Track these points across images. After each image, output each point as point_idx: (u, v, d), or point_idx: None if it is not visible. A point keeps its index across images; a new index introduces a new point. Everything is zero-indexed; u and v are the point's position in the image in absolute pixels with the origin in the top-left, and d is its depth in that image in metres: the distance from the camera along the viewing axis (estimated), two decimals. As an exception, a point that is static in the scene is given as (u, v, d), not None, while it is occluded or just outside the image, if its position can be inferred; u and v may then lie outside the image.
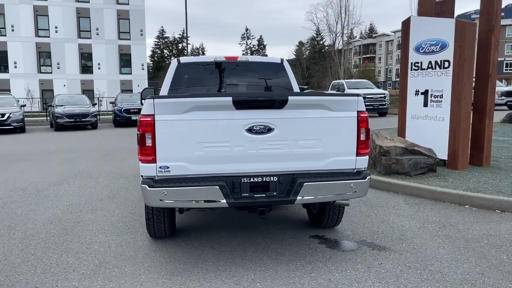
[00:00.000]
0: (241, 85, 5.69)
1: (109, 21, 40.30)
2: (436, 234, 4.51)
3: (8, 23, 38.49)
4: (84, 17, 39.89)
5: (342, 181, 3.63)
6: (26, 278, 3.54)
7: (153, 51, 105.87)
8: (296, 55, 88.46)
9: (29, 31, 38.91)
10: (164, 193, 3.40)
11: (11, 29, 38.60)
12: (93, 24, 40.02)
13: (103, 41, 40.20)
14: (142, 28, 41.20)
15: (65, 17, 39.38)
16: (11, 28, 38.58)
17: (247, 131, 3.49)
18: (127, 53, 41.02)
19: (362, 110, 3.70)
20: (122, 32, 40.89)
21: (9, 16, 38.30)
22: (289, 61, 33.05)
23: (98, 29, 40.09)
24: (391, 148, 6.92)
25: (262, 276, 3.54)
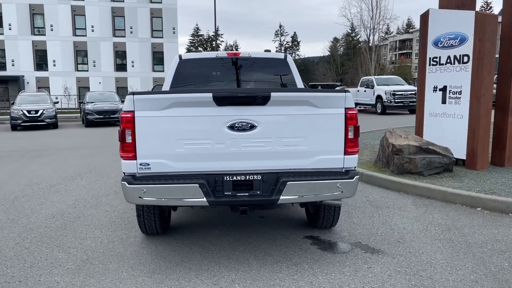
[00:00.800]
0: (243, 82, 5.60)
1: (142, 19, 41.06)
2: (437, 237, 4.29)
3: (48, 23, 39.90)
4: (119, 16, 40.80)
5: (328, 181, 3.49)
6: (12, 271, 3.61)
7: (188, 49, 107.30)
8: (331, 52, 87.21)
9: (67, 31, 40.19)
10: (143, 190, 3.38)
11: (50, 29, 39.99)
12: (127, 23, 40.89)
13: (137, 40, 41.01)
14: (175, 26, 41.72)
15: (101, 17, 40.42)
16: (50, 27, 39.97)
17: (228, 128, 3.42)
18: (159, 51, 41.69)
19: (350, 107, 3.55)
20: (155, 30, 41.56)
21: (48, 16, 39.69)
22: (323, 58, 33.01)
23: (132, 27, 40.93)
24: (404, 147, 6.65)
25: (243, 276, 3.46)
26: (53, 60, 40.27)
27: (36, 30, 40.11)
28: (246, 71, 5.62)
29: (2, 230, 4.71)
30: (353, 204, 5.54)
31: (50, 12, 39.75)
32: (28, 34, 39.73)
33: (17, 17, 39.33)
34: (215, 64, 5.58)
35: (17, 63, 39.92)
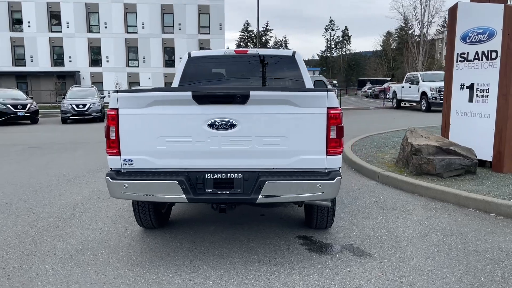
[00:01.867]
0: (250, 79, 5.61)
1: (190, 16, 41.93)
2: (435, 243, 4.10)
3: (102, 21, 41.73)
4: (168, 13, 41.91)
5: (308, 181, 3.43)
6: (10, 258, 3.86)
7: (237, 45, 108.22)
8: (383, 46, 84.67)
9: (119, 28, 41.83)
10: (125, 185, 3.49)
11: (104, 27, 41.80)
12: (175, 19, 41.92)
13: (185, 36, 41.94)
14: (221, 23, 42.27)
15: (151, 14, 41.70)
16: (104, 25, 41.78)
17: (208, 126, 3.45)
18: (206, 47, 42.28)
19: (332, 107, 3.46)
20: (202, 27, 42.33)
21: (103, 15, 41.49)
22: (375, 53, 32.31)
23: (180, 24, 41.91)
24: (423, 147, 6.39)
25: (221, 274, 3.49)
26: (106, 56, 42.10)
27: (91, 28, 42.04)
28: (253, 68, 5.63)
29: (17, 218, 5.03)
30: (360, 205, 5.41)
31: (104, 11, 41.52)
32: (84, 32, 41.75)
33: (74, 15, 41.44)
34: (223, 62, 5.63)
35: (74, 59, 42.07)
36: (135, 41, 41.94)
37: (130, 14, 41.78)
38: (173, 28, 42.11)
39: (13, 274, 3.53)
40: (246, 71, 5.66)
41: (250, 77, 5.61)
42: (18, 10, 41.44)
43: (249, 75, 5.61)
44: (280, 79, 5.64)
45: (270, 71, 5.67)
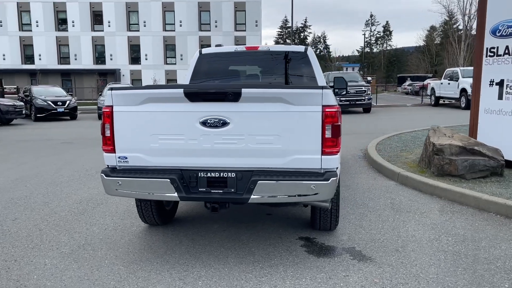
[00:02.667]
0: (261, 76, 5.52)
1: (226, 13, 42.18)
2: (444, 249, 3.88)
3: (141, 20, 42.71)
4: (205, 11, 42.35)
5: (301, 182, 3.32)
6: (15, 251, 3.98)
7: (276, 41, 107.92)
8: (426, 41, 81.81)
9: (158, 26, 42.67)
10: (119, 183, 3.50)
11: (143, 25, 42.78)
12: (212, 17, 42.30)
13: (221, 33, 42.23)
14: (257, 19, 42.25)
15: (188, 12, 42.29)
16: (144, 24, 42.75)
17: (201, 124, 3.40)
18: (242, 44, 42.50)
19: (328, 105, 3.33)
20: (238, 24, 42.49)
21: (142, 13, 42.46)
22: (417, 48, 31.30)
23: (216, 21, 42.26)
24: (445, 147, 6.09)
25: (212, 274, 3.44)
26: (145, 54, 43.08)
27: (131, 27, 43.12)
28: (264, 65, 5.54)
29: (32, 211, 5.19)
30: (373, 206, 5.22)
31: (143, 9, 42.48)
32: (124, 30, 42.90)
33: (115, 15, 42.65)
34: (234, 58, 5.57)
35: (115, 57, 43.33)
36: (173, 39, 42.65)
37: (168, 12, 42.53)
38: (209, 26, 42.52)
39: (13, 266, 3.63)
40: (258, 67, 5.58)
41: (261, 73, 5.53)
42: (63, 10, 43.11)
43: (260, 71, 5.53)
44: (291, 76, 5.52)
45: (281, 68, 5.56)
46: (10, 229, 4.55)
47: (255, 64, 5.58)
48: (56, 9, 43.02)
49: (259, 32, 42.51)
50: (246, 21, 42.40)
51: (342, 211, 5.01)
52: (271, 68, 5.57)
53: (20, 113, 18.45)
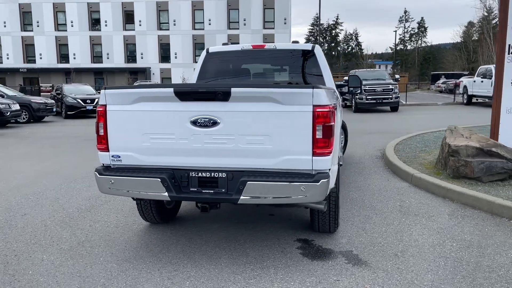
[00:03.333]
0: (267, 74, 5.47)
1: (255, 11, 42.21)
2: (446, 254, 3.72)
3: (171, 19, 43.33)
4: (234, 9, 42.53)
5: (291, 183, 3.25)
6: (18, 245, 4.09)
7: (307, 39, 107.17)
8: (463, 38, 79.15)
9: (187, 25, 43.18)
10: (111, 181, 3.53)
11: (173, 24, 43.38)
12: (241, 15, 42.44)
13: (249, 31, 42.32)
14: (286, 17, 42.07)
15: (217, 10, 42.59)
16: (173, 23, 43.36)
17: (191, 123, 3.38)
18: (270, 42, 42.43)
19: (319, 104, 3.24)
20: (266, 22, 42.46)
21: (172, 12, 43.08)
22: (454, 45, 30.37)
23: (245, 20, 42.36)
24: (461, 148, 5.85)
25: (201, 274, 3.42)
26: (174, 52, 43.70)
27: (161, 26, 43.81)
28: (271, 63, 5.48)
29: (42, 207, 5.33)
30: (380, 208, 5.07)
31: (173, 9, 43.09)
32: (154, 30, 43.66)
33: (146, 14, 43.43)
34: (241, 57, 5.53)
35: (145, 56, 44.15)
36: (202, 38, 43.06)
37: (198, 11, 42.97)
38: (238, 24, 42.69)
39: (11, 261, 3.73)
40: (265, 66, 5.52)
41: (268, 72, 5.47)
42: (96, 11, 44.28)
43: (267, 70, 5.48)
44: (297, 74, 5.44)
45: (288, 66, 5.49)
46: (17, 224, 4.69)
47: (262, 62, 5.52)
48: (90, 9, 44.22)
49: (288, 29, 42.30)
50: (274, 19, 42.29)
51: (346, 213, 4.90)
52: (278, 67, 5.50)
53: (51, 110, 19.07)
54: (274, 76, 5.46)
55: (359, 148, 9.56)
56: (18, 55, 45.91)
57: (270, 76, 5.47)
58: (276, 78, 5.45)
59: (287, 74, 5.51)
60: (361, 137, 11.29)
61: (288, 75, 5.49)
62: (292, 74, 5.50)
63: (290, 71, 5.52)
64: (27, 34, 45.58)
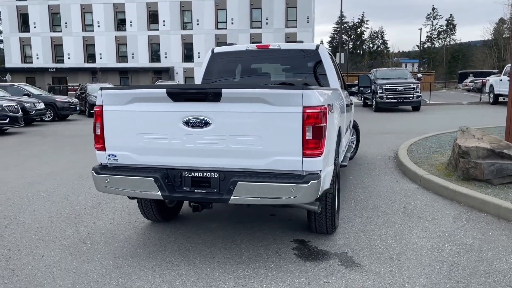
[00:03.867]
0: (271, 74, 5.46)
1: (278, 10, 42.14)
2: (443, 259, 3.64)
3: (194, 18, 43.73)
4: (256, 8, 42.57)
5: (281, 184, 3.25)
6: (22, 241, 4.22)
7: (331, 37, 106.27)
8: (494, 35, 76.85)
9: (210, 24, 43.49)
10: (107, 180, 3.61)
11: (196, 23, 43.76)
12: (263, 14, 42.44)
13: (272, 30, 42.28)
14: (309, 15, 41.83)
15: (240, 10, 42.72)
16: (197, 22, 43.74)
17: (184, 123, 3.42)
18: (293, 40, 42.26)
19: (310, 105, 3.22)
20: (289, 20, 42.33)
21: (195, 12, 43.45)
22: (485, 42, 29.70)
23: (268, 19, 42.34)
24: (471, 149, 5.70)
25: (193, 273, 3.46)
26: (197, 52, 44.08)
27: (185, 25, 44.27)
28: (275, 63, 5.48)
29: (51, 204, 5.49)
30: (384, 210, 5.01)
31: (197, 8, 43.48)
32: (178, 29, 44.15)
33: (170, 14, 43.97)
34: (245, 57, 5.55)
35: (169, 55, 44.72)
36: (224, 37, 43.25)
37: (220, 11, 43.22)
38: (260, 23, 42.71)
39: (13, 256, 3.86)
40: (269, 66, 5.53)
41: (272, 72, 5.47)
42: (122, 11, 45.09)
43: (271, 70, 5.48)
44: (301, 74, 5.42)
45: (292, 66, 5.48)
46: (25, 220, 4.84)
47: (266, 62, 5.52)
48: (115, 10, 45.08)
49: (311, 28, 42.07)
50: (297, 18, 42.13)
51: (348, 214, 4.85)
52: (282, 67, 5.50)
53: (75, 109, 19.56)
54: (278, 76, 5.45)
55: (373, 148, 9.44)
56: (47, 55, 47.23)
57: (275, 76, 5.46)
58: (280, 78, 5.44)
59: (291, 74, 5.49)
60: (377, 137, 11.14)
61: (292, 75, 5.47)
62: (296, 74, 5.48)
63: (294, 71, 5.51)
64: (55, 34, 46.83)
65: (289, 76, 5.49)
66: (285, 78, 5.46)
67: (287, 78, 5.46)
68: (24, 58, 47.58)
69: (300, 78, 5.41)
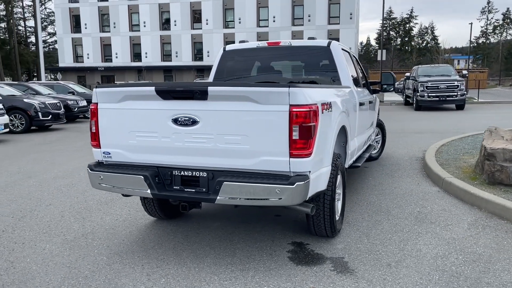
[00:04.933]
0: (282, 71, 5.35)
1: (320, 7, 41.57)
2: (445, 268, 3.41)
3: (236, 17, 44.02)
4: (298, 5, 42.20)
5: (266, 185, 3.16)
6: (29, 234, 4.37)
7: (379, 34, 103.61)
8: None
9: (252, 22, 43.62)
10: (101, 177, 3.66)
11: (238, 22, 44.04)
12: (305, 11, 42.00)
13: (314, 27, 41.77)
14: (352, 12, 40.95)
15: (282, 7, 42.52)
16: (239, 21, 44.00)
17: (173, 122, 3.41)
18: (335, 37, 41.54)
19: (297, 104, 3.10)
20: (331, 17, 41.63)
21: (237, 10, 43.72)
22: None
23: (310, 15, 41.86)
24: (497, 151, 5.33)
25: (179, 273, 3.43)
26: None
27: (227, 24, 44.64)
28: (286, 60, 5.36)
29: (68, 198, 5.66)
30: (395, 214, 4.78)
31: (239, 6, 43.72)
32: (220, 28, 44.59)
33: (212, 13, 44.49)
34: (256, 55, 5.47)
35: (211, 53, 45.25)
36: (266, 35, 43.20)
37: (262, 8, 43.22)
38: (302, 20, 42.30)
39: (17, 249, 4.00)
40: (280, 63, 5.42)
41: (283, 69, 5.36)
42: (166, 11, 46.13)
43: (282, 67, 5.37)
44: (312, 71, 5.27)
45: (303, 63, 5.34)
46: (39, 214, 5.02)
47: (277, 60, 5.41)
48: (161, 10, 46.20)
49: (354, 25, 41.18)
50: (340, 14, 41.34)
51: (357, 217, 4.67)
52: (293, 64, 5.37)
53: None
54: (288, 74, 5.33)
55: (402, 148, 9.08)
56: (97, 54, 49.15)
57: (286, 73, 5.34)
58: (291, 75, 5.31)
59: (302, 71, 5.36)
60: (410, 136, 10.72)
61: (303, 72, 5.34)
62: (307, 72, 5.34)
63: (305, 68, 5.36)
64: (105, 35, 48.63)
65: (300, 74, 5.36)
66: (296, 76, 5.33)
67: (298, 75, 5.34)
68: (75, 58, 49.75)
69: (311, 75, 5.26)
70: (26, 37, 69.21)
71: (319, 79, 5.17)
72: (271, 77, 5.33)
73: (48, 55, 66.69)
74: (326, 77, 5.14)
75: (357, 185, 6.06)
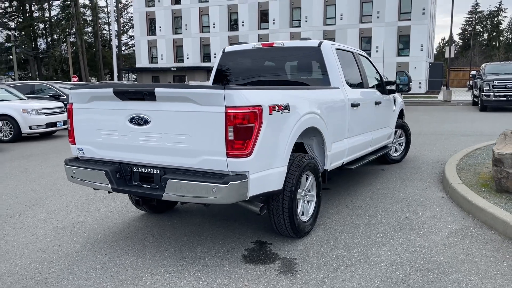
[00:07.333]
0: (276, 73, 5.36)
1: (390, 2, 39.94)
2: (391, 276, 3.28)
3: (303, 15, 43.77)
4: (367, 2, 40.92)
5: (203, 183, 3.27)
6: (31, 220, 4.84)
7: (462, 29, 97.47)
8: None
9: (318, 21, 43.16)
10: (73, 171, 3.99)
11: (305, 20, 43.76)
12: (374, 8, 40.62)
13: (383, 24, 40.28)
14: (425, 7, 38.86)
15: (349, 4, 41.51)
16: (305, 19, 43.72)
17: (129, 121, 3.63)
18: (405, 34, 39.77)
19: (233, 105, 3.17)
20: (402, 13, 39.81)
21: (304, 9, 43.46)
22: None
23: (379, 12, 40.43)
24: (505, 157, 4.93)
25: (133, 263, 3.63)
26: (305, 49, 44.00)
27: (293, 23, 44.58)
28: (280, 61, 5.38)
29: (80, 191, 6.12)
30: (381, 219, 4.63)
31: (306, 5, 43.42)
32: (287, 27, 44.64)
33: (279, 12, 44.68)
34: (252, 56, 5.54)
35: (278, 53, 45.44)
36: (333, 33, 42.48)
37: (330, 6, 42.52)
38: (371, 17, 40.95)
39: (12, 233, 4.47)
40: (274, 64, 5.45)
41: (276, 70, 5.39)
42: (235, 12, 47.14)
43: (275, 68, 5.40)
44: (304, 72, 5.24)
45: (295, 64, 5.33)
46: (49, 203, 5.53)
47: (270, 61, 5.44)
48: (229, 11, 47.28)
49: (427, 20, 39.04)
50: (411, 10, 39.42)
51: (337, 219, 4.60)
52: (286, 64, 5.37)
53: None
54: (281, 75, 5.34)
55: (435, 151, 8.62)
56: (169, 55, 51.53)
57: (279, 74, 5.35)
58: (283, 76, 5.31)
59: (294, 72, 5.34)
60: (451, 139, 10.13)
61: (295, 73, 5.32)
62: (299, 72, 5.31)
63: (297, 69, 5.34)
64: (177, 36, 50.82)
65: (293, 74, 5.34)
66: (289, 77, 5.33)
67: (291, 76, 5.33)
68: (151, 59, 52.57)
69: (302, 76, 5.24)
70: (110, 40, 74.39)
71: (310, 80, 5.14)
72: (265, 78, 5.38)
73: (128, 56, 71.24)
74: (315, 77, 5.09)
75: (359, 188, 5.91)
